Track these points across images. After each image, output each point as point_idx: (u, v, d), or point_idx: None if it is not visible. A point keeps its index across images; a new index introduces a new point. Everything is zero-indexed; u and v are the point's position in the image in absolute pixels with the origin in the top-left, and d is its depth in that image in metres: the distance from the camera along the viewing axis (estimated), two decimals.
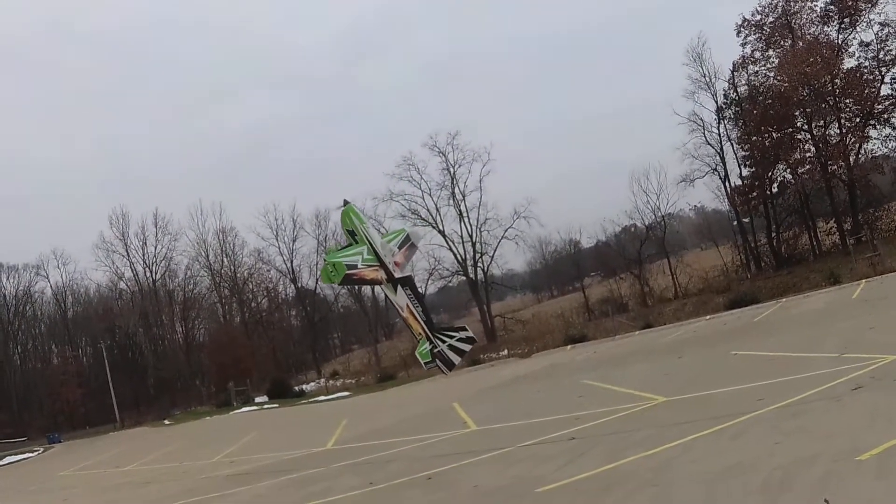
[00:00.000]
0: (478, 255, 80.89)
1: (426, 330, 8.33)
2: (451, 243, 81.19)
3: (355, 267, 8.20)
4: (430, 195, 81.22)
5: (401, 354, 79.69)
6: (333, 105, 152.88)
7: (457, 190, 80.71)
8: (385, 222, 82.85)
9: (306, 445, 23.65)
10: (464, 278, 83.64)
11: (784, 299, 42.40)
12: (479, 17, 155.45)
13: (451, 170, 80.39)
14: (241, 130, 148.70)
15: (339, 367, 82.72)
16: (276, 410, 49.00)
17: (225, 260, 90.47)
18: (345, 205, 8.98)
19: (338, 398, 47.72)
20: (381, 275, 8.35)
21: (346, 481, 15.38)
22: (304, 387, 61.40)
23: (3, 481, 36.59)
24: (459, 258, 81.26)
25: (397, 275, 8.12)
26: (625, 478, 10.70)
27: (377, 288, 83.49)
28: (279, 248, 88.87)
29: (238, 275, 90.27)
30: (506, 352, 59.67)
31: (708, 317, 44.77)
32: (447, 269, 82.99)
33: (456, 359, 8.74)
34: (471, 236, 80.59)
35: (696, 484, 9.60)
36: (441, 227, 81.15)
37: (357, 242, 8.54)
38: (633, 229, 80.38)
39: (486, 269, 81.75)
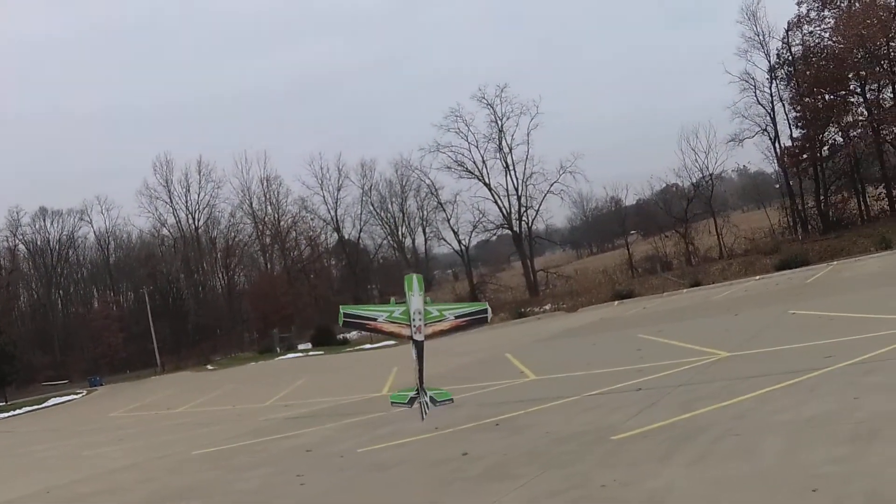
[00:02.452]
0: (523, 209, 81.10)
1: (419, 382, 10.12)
2: (496, 196, 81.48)
3: (374, 320, 10.43)
4: (476, 147, 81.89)
5: None
6: (379, 55, 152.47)
7: (504, 143, 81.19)
8: (431, 174, 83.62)
9: (361, 391, 23.91)
10: (505, 232, 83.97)
11: (835, 262, 41.98)
12: None
13: (499, 122, 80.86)
14: (286, 78, 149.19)
15: None
16: (321, 357, 49.44)
17: (269, 208, 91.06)
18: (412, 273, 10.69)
19: (384, 346, 47.93)
20: (404, 332, 10.29)
21: (412, 425, 15.51)
22: (347, 335, 61.63)
23: (54, 421, 37.27)
24: (504, 211, 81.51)
25: (416, 338, 9.90)
26: (703, 427, 10.81)
27: (419, 240, 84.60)
28: (323, 196, 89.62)
29: (281, 223, 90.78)
30: (549, 306, 59.74)
31: (758, 277, 44.45)
32: (492, 223, 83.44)
33: (424, 413, 10.54)
34: (516, 190, 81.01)
35: (779, 434, 9.70)
36: (487, 180, 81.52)
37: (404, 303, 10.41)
38: (674, 189, 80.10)
39: (530, 223, 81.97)
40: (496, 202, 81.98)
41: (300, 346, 62.77)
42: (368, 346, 51.34)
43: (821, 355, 14.32)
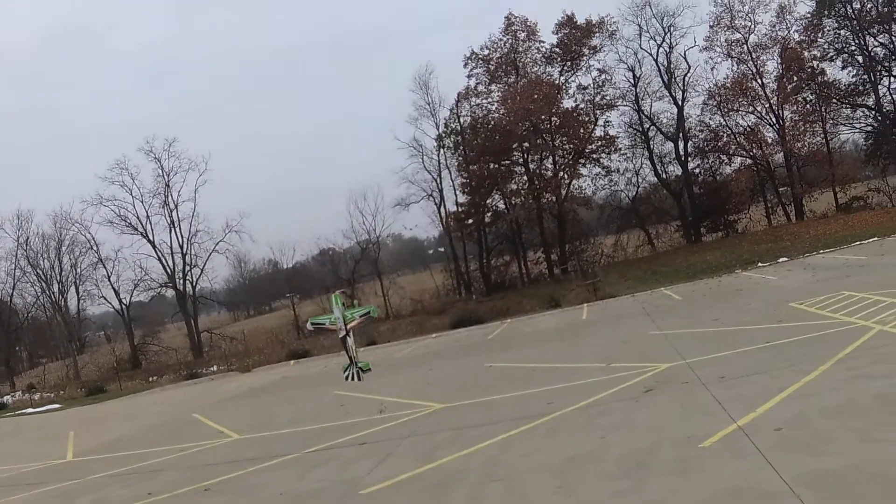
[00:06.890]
0: (187, 268, 78.90)
1: (352, 358, 14.73)
2: (160, 254, 78.85)
3: (323, 325, 17.05)
4: (141, 202, 78.46)
5: (99, 368, 75.89)
6: (37, 100, 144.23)
7: (170, 198, 78.52)
8: (92, 228, 79.39)
9: (40, 458, 21.24)
10: (161, 293, 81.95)
11: (509, 320, 43.56)
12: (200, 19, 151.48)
13: (166, 177, 78.00)
14: None
15: (34, 380, 77.38)
16: None
17: None
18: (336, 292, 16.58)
19: (49, 410, 44.03)
20: (340, 329, 15.55)
21: (117, 492, 14.05)
22: (2, 399, 56.21)
23: None
24: (168, 270, 78.95)
25: (341, 334, 15.05)
26: (457, 475, 10.50)
27: (73, 300, 79.65)
28: None
29: None
30: (215, 367, 57.66)
31: (435, 335, 45.13)
32: (154, 281, 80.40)
33: (356, 378, 15.45)
34: (181, 247, 78.62)
35: (544, 475, 9.56)
36: (151, 237, 78.63)
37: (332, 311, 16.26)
38: (331, 252, 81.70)
39: (194, 282, 79.86)
40: (160, 260, 79.33)
41: None
42: (31, 410, 46.93)
43: (541, 402, 14.53)
